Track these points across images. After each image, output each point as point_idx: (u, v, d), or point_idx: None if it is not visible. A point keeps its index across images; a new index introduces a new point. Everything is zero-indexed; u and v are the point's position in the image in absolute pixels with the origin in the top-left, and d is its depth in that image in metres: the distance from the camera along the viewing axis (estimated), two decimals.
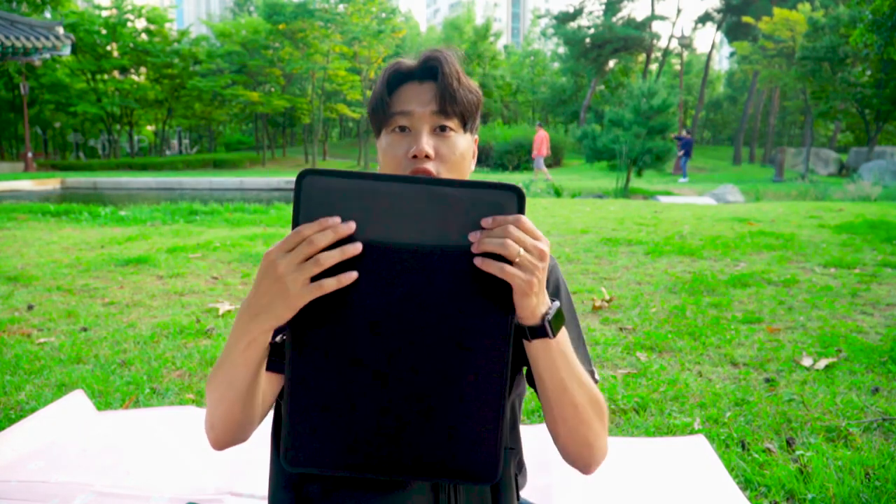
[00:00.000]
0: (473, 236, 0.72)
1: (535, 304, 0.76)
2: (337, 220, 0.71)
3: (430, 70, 0.96)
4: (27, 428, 2.07)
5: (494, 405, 0.77)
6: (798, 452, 1.99)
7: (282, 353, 0.82)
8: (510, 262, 0.72)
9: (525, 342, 0.82)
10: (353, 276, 0.72)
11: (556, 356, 0.83)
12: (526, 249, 0.72)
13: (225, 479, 1.80)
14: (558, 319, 0.81)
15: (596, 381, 0.97)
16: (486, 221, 0.72)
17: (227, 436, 0.89)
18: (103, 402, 2.46)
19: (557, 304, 0.82)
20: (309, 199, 0.72)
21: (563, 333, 0.84)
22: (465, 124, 0.98)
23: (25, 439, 2.02)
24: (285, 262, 0.71)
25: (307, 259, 0.71)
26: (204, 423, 0.91)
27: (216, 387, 0.85)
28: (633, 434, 2.17)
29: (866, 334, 3.18)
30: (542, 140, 17.57)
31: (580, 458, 0.94)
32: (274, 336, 0.92)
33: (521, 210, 0.73)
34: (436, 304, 0.75)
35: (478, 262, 0.72)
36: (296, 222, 0.72)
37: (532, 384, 0.96)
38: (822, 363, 2.76)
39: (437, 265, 0.74)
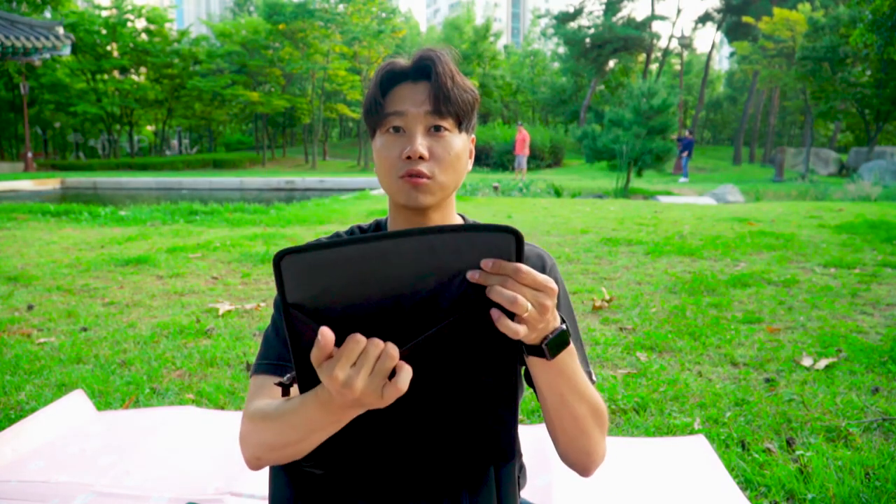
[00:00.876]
0: (472, 276, 0.70)
1: (534, 338, 0.76)
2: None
3: (423, 69, 0.94)
4: (27, 428, 2.07)
5: (508, 403, 0.85)
6: (798, 452, 1.99)
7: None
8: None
9: (524, 354, 0.81)
10: (409, 370, 0.69)
11: (554, 373, 0.82)
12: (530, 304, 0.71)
13: (225, 479, 1.80)
14: (560, 342, 0.78)
15: (593, 382, 0.97)
16: (486, 264, 0.70)
17: (272, 463, 0.88)
18: (103, 402, 2.46)
19: (563, 327, 0.78)
20: (293, 280, 0.67)
21: (568, 352, 0.81)
22: (461, 124, 0.96)
23: (25, 439, 2.02)
24: (360, 379, 0.67)
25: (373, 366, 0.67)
26: (243, 447, 0.88)
27: (273, 438, 0.81)
28: (633, 434, 2.17)
29: (866, 334, 3.18)
30: (522, 139, 18.21)
31: (579, 463, 0.95)
32: (282, 374, 0.92)
33: (519, 251, 0.71)
34: (443, 343, 0.73)
35: (498, 323, 0.71)
36: (284, 305, 0.68)
37: (530, 384, 0.96)
38: (822, 363, 2.76)
39: (441, 312, 0.72)
